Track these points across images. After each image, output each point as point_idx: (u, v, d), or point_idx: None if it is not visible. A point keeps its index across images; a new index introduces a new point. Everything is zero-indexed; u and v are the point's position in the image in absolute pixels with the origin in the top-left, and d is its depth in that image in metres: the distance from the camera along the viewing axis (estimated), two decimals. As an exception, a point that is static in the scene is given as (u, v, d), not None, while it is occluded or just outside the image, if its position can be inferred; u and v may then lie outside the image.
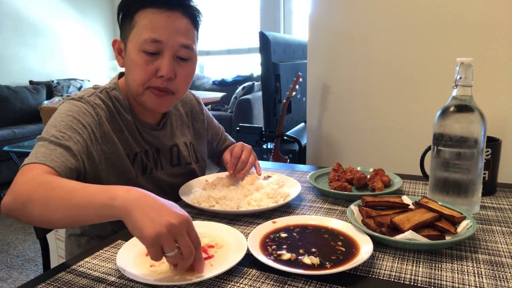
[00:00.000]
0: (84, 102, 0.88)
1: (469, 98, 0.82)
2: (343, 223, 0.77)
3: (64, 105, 0.88)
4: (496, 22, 1.26)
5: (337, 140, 1.67)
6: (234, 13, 5.29)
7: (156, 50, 0.86)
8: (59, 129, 0.81)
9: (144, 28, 0.85)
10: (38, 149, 0.77)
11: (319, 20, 1.61)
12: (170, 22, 0.86)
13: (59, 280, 0.64)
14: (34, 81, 4.83)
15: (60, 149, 0.77)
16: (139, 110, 0.98)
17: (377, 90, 1.52)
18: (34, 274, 2.25)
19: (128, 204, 0.59)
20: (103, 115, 0.89)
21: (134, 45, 0.87)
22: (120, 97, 0.96)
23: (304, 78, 1.94)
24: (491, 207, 0.90)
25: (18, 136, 3.93)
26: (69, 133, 0.81)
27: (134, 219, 0.57)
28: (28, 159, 0.76)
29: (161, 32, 0.85)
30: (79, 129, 0.83)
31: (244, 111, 4.24)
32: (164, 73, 0.86)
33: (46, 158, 0.74)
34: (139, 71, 0.87)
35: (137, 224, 0.56)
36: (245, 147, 1.10)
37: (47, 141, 0.78)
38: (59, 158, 0.76)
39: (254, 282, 0.61)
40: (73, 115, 0.84)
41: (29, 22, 4.78)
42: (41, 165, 0.73)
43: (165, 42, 0.85)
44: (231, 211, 0.87)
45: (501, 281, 0.60)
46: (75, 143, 0.81)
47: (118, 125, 0.93)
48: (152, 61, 0.86)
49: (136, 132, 0.97)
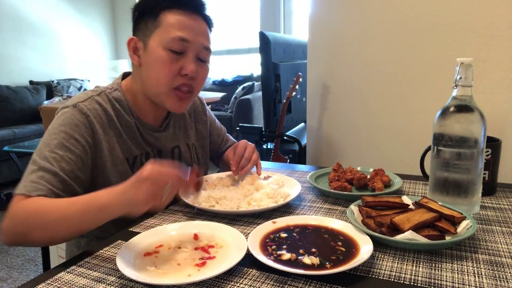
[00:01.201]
0: (76, 110, 0.87)
1: (469, 98, 0.82)
2: (343, 223, 0.77)
3: (58, 116, 0.88)
4: (496, 22, 1.26)
5: (337, 140, 1.67)
6: (234, 13, 5.30)
7: (182, 49, 0.90)
8: (51, 148, 0.82)
9: (172, 27, 0.88)
10: (29, 176, 0.79)
11: (319, 20, 1.61)
12: (195, 24, 0.91)
13: (59, 280, 0.64)
14: (34, 81, 4.83)
15: (48, 175, 0.79)
16: (142, 112, 0.98)
17: (377, 90, 1.52)
18: (34, 274, 2.25)
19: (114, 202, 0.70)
20: (96, 123, 0.89)
21: (160, 42, 0.89)
22: (122, 98, 0.95)
23: (304, 78, 1.94)
24: (491, 207, 0.90)
25: (18, 136, 3.93)
26: (60, 153, 0.82)
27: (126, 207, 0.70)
28: (18, 188, 0.78)
29: (188, 32, 0.89)
30: (71, 145, 0.84)
31: (244, 111, 4.24)
32: (189, 71, 0.90)
33: (33, 188, 0.77)
34: (164, 69, 0.89)
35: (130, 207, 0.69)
36: (249, 145, 1.10)
37: (37, 166, 0.80)
38: (45, 186, 0.78)
39: (254, 282, 0.61)
40: (65, 130, 0.85)
41: (29, 22, 4.79)
42: (27, 196, 0.76)
43: (191, 42, 0.90)
44: (231, 211, 0.87)
45: (501, 281, 0.60)
46: (67, 163, 0.82)
47: (116, 130, 0.93)
48: (177, 59, 0.90)
49: (137, 134, 0.97)
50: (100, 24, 5.83)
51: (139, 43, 0.93)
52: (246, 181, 1.01)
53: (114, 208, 0.71)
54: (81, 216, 0.72)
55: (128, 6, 1.57)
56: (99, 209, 0.71)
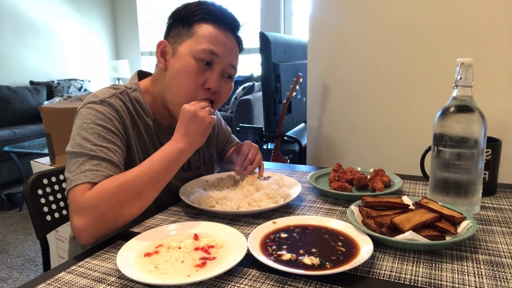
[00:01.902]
0: (107, 105, 0.86)
1: (469, 99, 0.82)
2: (343, 224, 0.77)
3: (87, 111, 0.85)
4: (496, 22, 1.26)
5: (337, 140, 1.67)
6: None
7: (210, 61, 0.90)
8: (94, 142, 0.80)
9: (204, 38, 0.90)
10: (82, 166, 0.77)
11: (319, 20, 1.61)
12: (227, 41, 0.93)
13: (59, 280, 0.64)
14: (34, 81, 4.83)
15: (104, 163, 0.79)
16: (159, 114, 0.98)
17: (378, 90, 1.52)
18: (34, 274, 2.25)
19: (188, 145, 0.86)
20: (126, 118, 0.89)
21: (190, 51, 0.89)
22: (141, 99, 0.95)
23: (304, 78, 1.94)
24: (491, 208, 0.90)
25: (19, 136, 3.93)
26: (105, 145, 0.81)
27: (200, 141, 0.89)
28: (75, 180, 0.76)
29: (219, 47, 0.91)
30: (112, 137, 0.84)
31: (244, 112, 4.24)
32: (212, 86, 0.91)
33: (95, 175, 0.76)
34: (189, 78, 0.90)
35: (202, 140, 0.89)
36: (252, 146, 1.11)
37: (87, 156, 0.78)
38: (106, 172, 0.78)
39: (254, 282, 0.61)
40: (101, 124, 0.83)
41: (29, 22, 4.79)
42: (91, 184, 0.76)
43: (220, 57, 0.91)
44: (231, 212, 0.87)
45: (501, 281, 0.60)
46: (114, 153, 0.82)
47: (137, 128, 0.93)
48: (203, 71, 0.90)
49: (155, 136, 0.97)
50: (100, 24, 5.83)
51: (169, 47, 0.93)
52: (246, 182, 1.01)
53: (189, 151, 0.86)
54: (167, 169, 0.82)
55: (128, 6, 1.55)
56: (179, 155, 0.84)
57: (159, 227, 0.79)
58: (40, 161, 2.08)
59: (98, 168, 0.77)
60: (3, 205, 3.28)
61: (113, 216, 0.74)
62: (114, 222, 0.76)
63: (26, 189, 1.03)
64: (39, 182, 1.07)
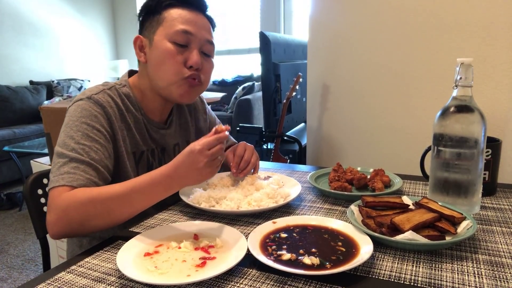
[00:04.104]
0: (93, 102, 0.89)
1: (469, 99, 0.82)
2: (343, 223, 0.77)
3: (74, 108, 0.88)
4: (496, 22, 1.26)
5: (337, 140, 1.67)
6: (234, 13, 5.30)
7: (186, 42, 0.92)
8: (77, 140, 0.83)
9: (175, 21, 0.91)
10: (61, 168, 0.80)
11: (319, 20, 1.61)
12: (198, 19, 0.94)
13: (59, 280, 0.64)
14: (34, 81, 4.83)
15: (82, 166, 0.81)
16: (149, 108, 1.00)
17: (377, 90, 1.52)
18: (34, 274, 2.25)
19: (179, 183, 0.80)
20: (112, 114, 0.90)
21: (164, 36, 0.91)
22: (131, 94, 0.97)
23: (304, 78, 1.94)
24: (491, 208, 0.90)
25: (18, 136, 3.93)
26: (87, 143, 0.83)
27: (192, 183, 0.81)
28: (55, 181, 0.79)
29: (191, 25, 0.92)
30: (95, 135, 0.85)
31: (244, 111, 4.24)
32: (194, 63, 0.92)
33: (72, 178, 0.79)
34: (170, 60, 0.91)
35: (196, 183, 0.81)
36: (248, 147, 1.11)
37: (67, 158, 0.81)
38: (83, 175, 0.80)
39: (254, 282, 0.61)
40: (86, 121, 0.86)
41: (29, 22, 4.79)
42: (68, 187, 0.78)
43: (194, 35, 0.92)
44: (231, 211, 0.87)
45: (501, 281, 0.60)
46: (96, 152, 0.84)
47: (126, 123, 0.94)
48: (182, 52, 0.92)
49: (144, 130, 0.99)
50: (100, 24, 5.83)
51: (145, 41, 0.96)
52: (246, 181, 1.01)
53: (178, 188, 0.81)
54: (147, 196, 0.79)
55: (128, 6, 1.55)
56: (165, 189, 0.79)
57: (159, 227, 0.79)
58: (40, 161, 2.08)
59: (75, 171, 0.80)
60: (3, 205, 3.28)
61: (79, 223, 0.77)
62: (80, 229, 0.78)
63: (26, 189, 1.03)
64: (39, 182, 1.07)
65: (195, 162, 0.77)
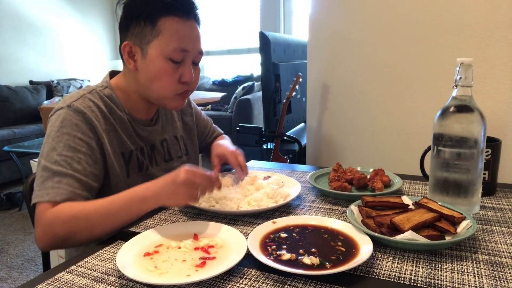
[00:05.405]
0: (72, 110, 0.87)
1: (469, 98, 0.82)
2: (343, 223, 0.77)
3: (55, 118, 0.88)
4: (496, 22, 1.26)
5: (337, 140, 1.67)
6: (234, 13, 5.29)
7: (181, 59, 0.92)
8: (59, 152, 0.84)
9: (172, 38, 0.89)
10: (45, 183, 0.81)
11: (319, 20, 1.61)
12: (192, 31, 0.93)
13: (59, 280, 0.64)
14: (34, 81, 4.82)
15: (65, 179, 0.82)
16: (134, 108, 1.00)
17: (377, 90, 1.52)
18: (34, 274, 2.25)
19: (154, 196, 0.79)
20: (94, 118, 0.89)
21: (161, 53, 0.89)
22: (113, 95, 0.97)
23: (304, 78, 1.94)
24: (491, 207, 0.90)
25: (18, 136, 3.93)
26: (70, 154, 0.84)
27: (167, 200, 0.79)
28: (39, 196, 0.81)
29: (187, 42, 0.91)
30: (77, 145, 0.85)
31: (244, 111, 4.24)
32: (188, 79, 0.94)
33: (55, 193, 0.80)
34: (168, 79, 0.92)
35: (170, 202, 0.79)
36: (234, 154, 1.09)
37: (50, 171, 0.82)
38: (66, 189, 0.81)
39: (254, 282, 0.61)
40: (67, 132, 0.86)
41: (29, 22, 4.78)
42: (52, 203, 0.80)
43: (190, 51, 0.92)
44: (231, 211, 0.87)
45: (501, 281, 0.60)
46: (78, 163, 0.84)
47: (111, 124, 0.94)
48: (177, 68, 0.92)
49: (131, 129, 0.98)
50: (100, 24, 5.83)
51: (135, 48, 0.91)
52: (246, 181, 1.01)
53: (154, 202, 0.79)
54: (126, 210, 0.79)
55: (128, 6, 1.55)
56: (141, 202, 0.79)
57: (159, 227, 0.79)
58: (40, 161, 2.07)
59: (59, 185, 0.81)
60: (2, 205, 3.28)
61: (63, 239, 0.79)
62: (65, 243, 0.81)
63: (26, 189, 1.03)
64: (39, 182, 1.06)
65: (175, 176, 0.77)
